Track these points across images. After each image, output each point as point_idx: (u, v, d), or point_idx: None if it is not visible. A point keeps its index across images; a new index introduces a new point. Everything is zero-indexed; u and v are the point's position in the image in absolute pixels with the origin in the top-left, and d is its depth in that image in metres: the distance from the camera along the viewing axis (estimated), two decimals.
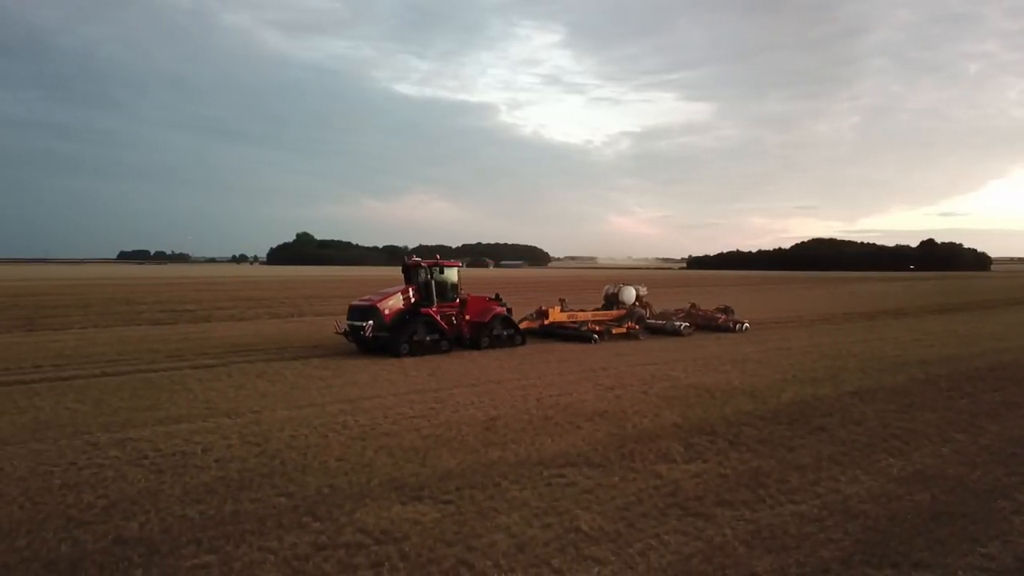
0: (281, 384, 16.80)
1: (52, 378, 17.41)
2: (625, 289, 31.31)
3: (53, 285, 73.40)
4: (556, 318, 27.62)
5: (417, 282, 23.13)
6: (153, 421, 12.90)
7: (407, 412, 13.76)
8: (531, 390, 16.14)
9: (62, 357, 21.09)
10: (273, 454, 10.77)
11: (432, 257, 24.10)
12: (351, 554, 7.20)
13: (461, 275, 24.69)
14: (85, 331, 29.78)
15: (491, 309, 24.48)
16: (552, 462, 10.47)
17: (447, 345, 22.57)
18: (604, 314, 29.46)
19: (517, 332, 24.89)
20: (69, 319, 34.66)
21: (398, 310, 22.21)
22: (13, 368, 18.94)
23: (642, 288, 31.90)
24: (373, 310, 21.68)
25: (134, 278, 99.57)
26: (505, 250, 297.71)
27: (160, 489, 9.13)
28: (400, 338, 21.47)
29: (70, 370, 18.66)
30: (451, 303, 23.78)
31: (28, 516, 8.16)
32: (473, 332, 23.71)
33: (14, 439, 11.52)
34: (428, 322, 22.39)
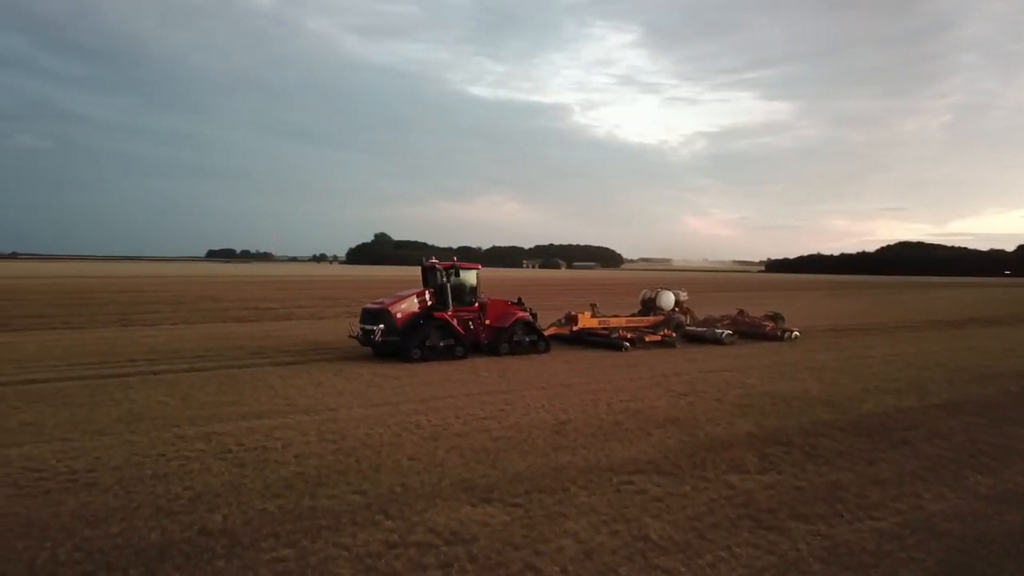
0: (357, 382, 17.25)
1: (144, 372, 18.34)
2: (663, 294, 29.94)
3: (146, 282, 77.10)
4: (586, 324, 26.44)
5: (433, 285, 22.41)
6: (237, 416, 13.46)
7: (478, 413, 13.93)
8: (601, 394, 16.09)
9: (154, 352, 22.16)
10: (348, 451, 11.09)
11: (453, 259, 23.21)
12: (421, 553, 7.36)
13: (480, 278, 23.58)
14: (175, 327, 31.19)
15: (512, 314, 23.41)
16: (621, 468, 10.43)
17: (462, 351, 21.56)
18: (640, 320, 28.30)
19: (541, 338, 23.70)
20: (160, 315, 36.36)
21: (412, 314, 21.39)
22: (110, 361, 20.03)
23: (682, 293, 30.61)
24: (384, 314, 20.91)
25: (221, 276, 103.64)
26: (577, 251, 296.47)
27: (242, 482, 9.53)
28: (411, 343, 20.68)
29: (161, 365, 19.60)
30: (469, 307, 22.85)
31: (122, 504, 8.64)
32: (493, 337, 22.77)
33: (110, 430, 12.21)
34: (442, 327, 21.44)
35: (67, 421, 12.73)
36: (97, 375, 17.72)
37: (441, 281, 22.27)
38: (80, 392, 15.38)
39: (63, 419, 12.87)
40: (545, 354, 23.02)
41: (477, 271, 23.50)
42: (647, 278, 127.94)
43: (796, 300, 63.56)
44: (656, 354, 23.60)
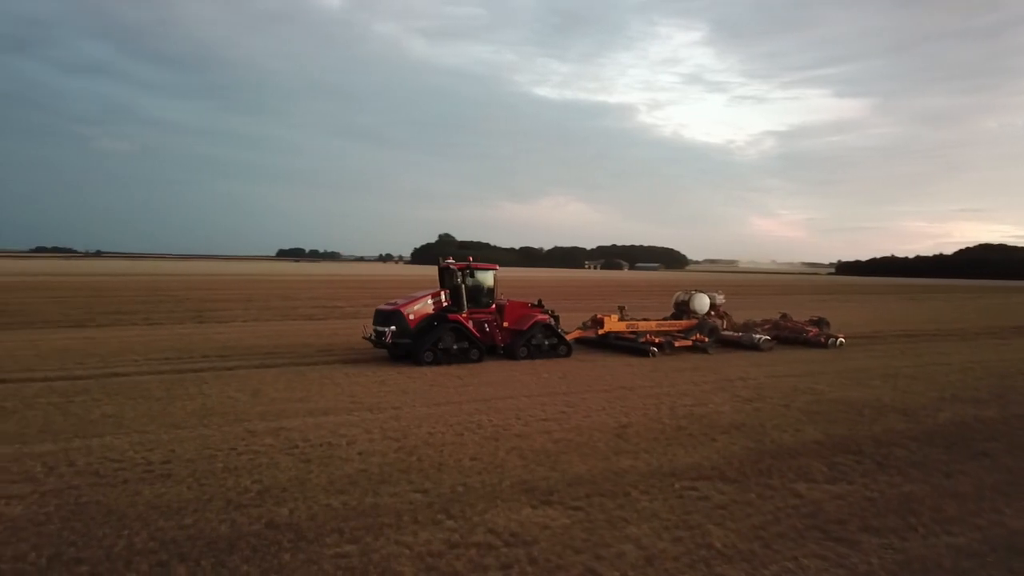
0: (420, 381, 17.45)
1: (217, 368, 18.96)
2: (697, 296, 28.69)
3: (220, 280, 79.70)
4: (613, 327, 25.35)
5: (449, 286, 21.66)
6: (304, 412, 13.78)
7: (539, 414, 13.92)
8: (664, 398, 15.87)
9: (227, 348, 22.90)
10: (411, 450, 11.23)
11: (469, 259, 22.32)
12: (481, 554, 7.39)
13: (498, 279, 22.69)
14: (247, 324, 32.16)
15: (531, 316, 22.47)
16: (684, 474, 10.27)
17: (478, 354, 20.87)
18: (672, 324, 27.02)
19: (562, 342, 22.76)
20: (233, 312, 37.55)
21: (425, 315, 20.76)
22: (185, 357, 20.78)
23: (719, 295, 29.49)
24: (397, 315, 20.30)
25: (290, 275, 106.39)
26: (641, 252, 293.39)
27: (308, 478, 9.75)
28: (423, 345, 20.07)
29: (233, 360, 20.24)
30: (486, 309, 22.06)
31: (195, 496, 8.94)
32: (511, 341, 21.99)
33: (185, 423, 12.66)
34: (456, 329, 20.71)
35: (145, 414, 13.27)
36: (173, 370, 18.42)
37: (456, 282, 21.55)
38: (157, 386, 16.02)
39: (141, 412, 13.42)
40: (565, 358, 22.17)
41: (495, 272, 22.73)
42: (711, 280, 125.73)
43: (867, 304, 61.50)
44: (722, 358, 23.14)
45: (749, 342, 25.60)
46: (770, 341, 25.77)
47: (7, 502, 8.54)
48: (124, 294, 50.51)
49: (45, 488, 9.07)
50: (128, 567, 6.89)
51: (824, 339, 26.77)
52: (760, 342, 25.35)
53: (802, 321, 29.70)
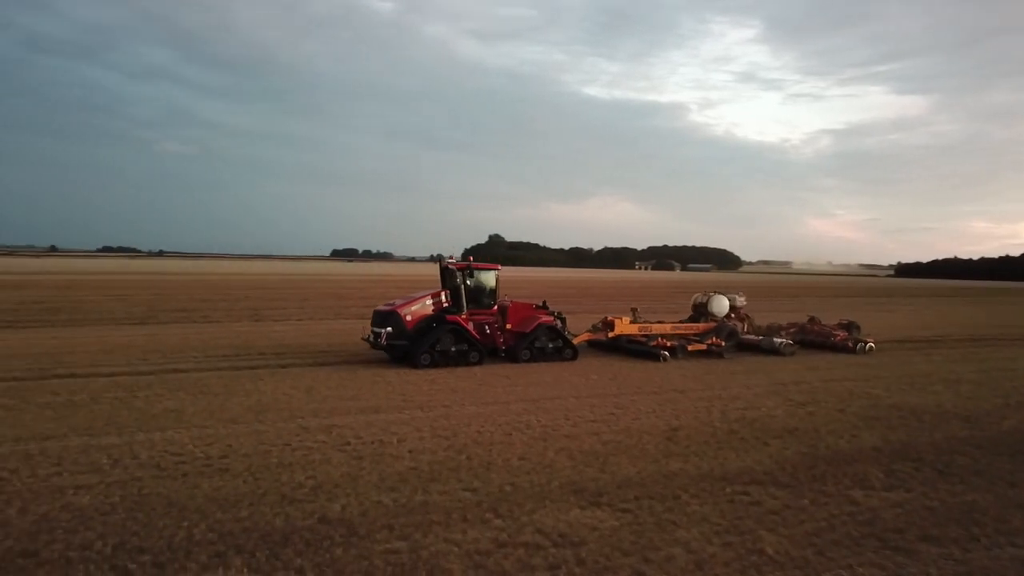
0: (470, 380, 17.58)
1: (273, 365, 19.41)
2: (716, 298, 27.56)
3: (276, 280, 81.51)
4: (624, 330, 24.34)
5: (449, 286, 21.14)
6: (355, 410, 14.02)
7: (587, 416, 13.89)
8: (715, 401, 15.68)
9: (282, 346, 23.42)
10: (460, 448, 11.33)
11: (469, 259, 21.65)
12: (529, 554, 7.42)
13: (500, 279, 22.14)
14: (301, 323, 32.84)
15: (535, 318, 21.76)
16: (736, 478, 10.13)
17: (477, 357, 20.28)
18: (688, 327, 25.94)
19: (567, 345, 21.99)
20: (288, 311, 38.37)
21: (424, 316, 20.27)
22: (242, 354, 21.33)
23: (739, 297, 28.34)
24: (393, 316, 19.82)
25: (344, 275, 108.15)
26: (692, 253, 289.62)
27: (359, 474, 9.92)
28: (420, 347, 19.51)
29: (287, 358, 20.69)
30: (487, 310, 21.47)
31: (250, 490, 9.19)
32: (514, 343, 21.36)
33: (241, 419, 13.01)
34: (455, 331, 20.14)
35: (204, 409, 13.67)
36: (231, 367, 18.93)
37: (455, 282, 20.98)
38: (216, 382, 16.48)
39: (200, 407, 13.83)
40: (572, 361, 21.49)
41: (496, 272, 22.12)
42: (763, 281, 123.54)
43: (929, 307, 59.65)
44: (776, 362, 22.71)
45: (769, 346, 24.51)
46: (792, 345, 24.50)
47: (75, 492, 8.91)
48: (185, 293, 52.03)
49: (111, 479, 9.43)
50: (188, 557, 7.13)
51: (852, 344, 25.41)
52: (781, 346, 24.17)
53: (831, 325, 28.46)
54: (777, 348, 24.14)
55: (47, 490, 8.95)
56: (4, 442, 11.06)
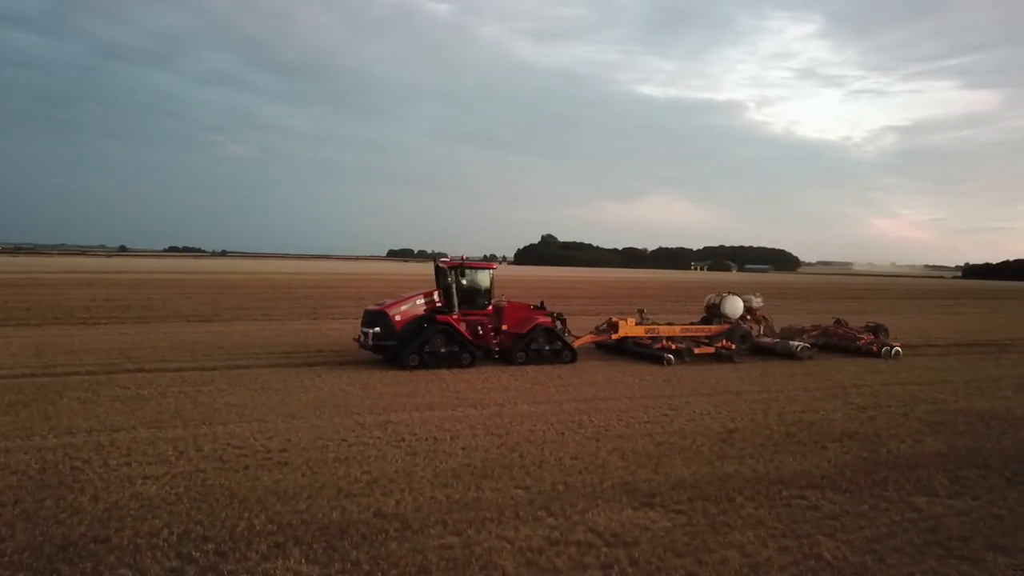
0: (523, 380, 17.64)
1: (330, 362, 19.83)
2: (730, 299, 25.92)
3: (334, 279, 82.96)
4: (629, 332, 23.31)
5: (441, 286, 20.52)
6: (410, 407, 14.23)
7: (641, 416, 13.80)
8: (772, 404, 15.39)
9: (338, 344, 23.87)
10: (513, 446, 11.39)
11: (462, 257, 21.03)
12: (582, 552, 7.43)
13: (495, 278, 21.35)
14: (358, 321, 33.31)
15: (532, 319, 20.99)
16: (793, 482, 9.95)
17: (469, 359, 19.63)
18: (700, 329, 24.70)
19: (566, 347, 21.19)
20: (345, 310, 39.02)
21: (414, 316, 19.70)
22: (301, 352, 21.85)
23: (756, 298, 26.78)
24: (382, 316, 19.26)
25: (399, 274, 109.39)
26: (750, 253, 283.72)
27: (414, 470, 10.07)
28: (408, 348, 18.95)
29: (345, 356, 21.08)
30: (481, 311, 20.70)
31: (308, 483, 9.42)
32: (510, 344, 20.59)
33: (300, 414, 13.34)
34: (445, 331, 19.53)
35: (264, 404, 14.06)
36: (290, 363, 19.41)
37: (447, 281, 20.35)
38: (275, 378, 16.92)
39: (261, 402, 14.22)
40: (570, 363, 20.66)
41: (491, 271, 21.46)
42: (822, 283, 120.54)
43: (999, 309, 57.33)
44: (835, 365, 22.15)
45: (784, 350, 23.34)
46: (809, 349, 23.32)
47: (144, 482, 9.28)
48: (246, 291, 53.44)
49: (176, 470, 9.79)
50: (249, 547, 7.35)
51: (877, 348, 24.09)
52: (798, 350, 22.94)
53: (856, 328, 26.88)
54: (793, 352, 22.97)
55: (117, 480, 9.34)
56: (78, 433, 11.59)
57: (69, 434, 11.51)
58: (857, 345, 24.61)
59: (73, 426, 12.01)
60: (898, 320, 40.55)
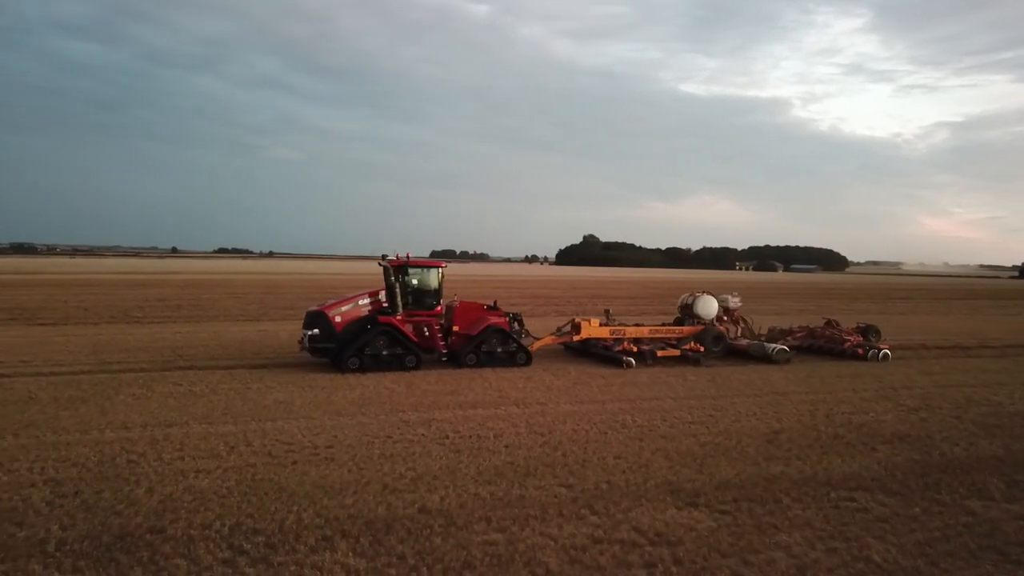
0: (565, 379, 17.64)
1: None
2: (703, 299, 24.50)
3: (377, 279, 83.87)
4: (592, 333, 22.14)
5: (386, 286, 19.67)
6: (454, 405, 14.35)
7: (685, 417, 13.70)
8: (820, 405, 15.13)
9: None
10: (556, 445, 11.41)
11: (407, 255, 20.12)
12: (625, 551, 7.43)
13: (444, 277, 20.43)
14: None
15: (484, 319, 20.19)
16: (841, 484, 9.78)
17: (414, 361, 18.74)
18: (670, 330, 23.45)
19: (521, 349, 20.23)
20: None
21: (356, 317, 18.90)
22: None
23: (733, 298, 25.49)
24: (321, 317, 18.49)
25: None
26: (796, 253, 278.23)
27: (457, 467, 10.16)
28: (348, 351, 18.21)
29: None
30: (429, 311, 19.78)
31: (354, 479, 9.58)
32: (461, 346, 19.76)
33: (346, 411, 13.55)
34: (388, 333, 18.68)
35: (311, 401, 14.32)
36: None
37: (390, 281, 19.50)
38: (322, 376, 17.21)
39: (308, 399, 14.49)
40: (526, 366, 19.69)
41: (440, 269, 20.41)
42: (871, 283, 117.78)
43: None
44: (885, 366, 21.61)
45: (759, 352, 22.20)
46: (786, 352, 22.03)
47: (196, 475, 9.54)
48: (293, 291, 54.34)
49: (227, 464, 10.04)
50: (297, 540, 7.52)
51: (864, 350, 22.84)
52: (773, 352, 21.72)
53: (845, 329, 25.45)
54: (769, 354, 21.77)
55: (171, 473, 9.63)
56: (133, 427, 11.96)
57: (125, 428, 11.90)
58: (843, 348, 23.45)
59: (129, 421, 12.41)
60: (950, 321, 39.49)
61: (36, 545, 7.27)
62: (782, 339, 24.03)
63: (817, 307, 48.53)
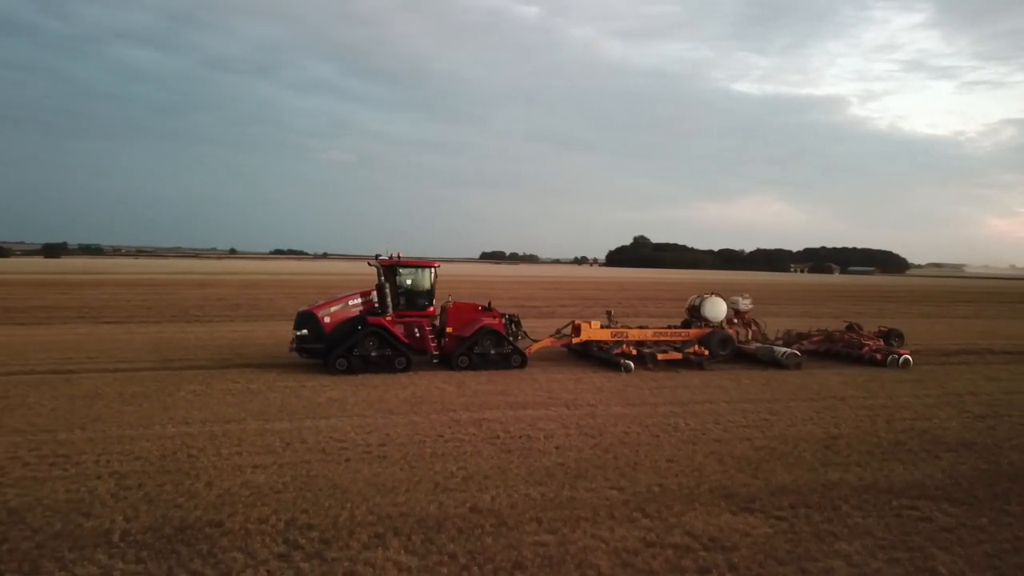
0: (615, 381, 17.51)
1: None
2: (711, 301, 23.48)
3: None
4: (592, 336, 21.47)
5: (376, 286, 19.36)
6: (504, 405, 14.38)
7: (739, 421, 13.46)
8: (880, 410, 14.69)
9: None
10: (607, 447, 11.33)
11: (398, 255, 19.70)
12: (679, 555, 7.32)
13: (437, 277, 20.05)
14: None
15: (477, 321, 19.77)
16: (903, 492, 9.48)
17: (404, 363, 18.41)
18: (676, 333, 22.49)
19: (516, 351, 19.68)
20: None
21: (346, 318, 18.72)
22: None
23: (744, 300, 24.52)
24: (310, 317, 18.40)
25: (491, 276, 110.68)
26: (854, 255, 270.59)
27: (508, 467, 10.17)
28: (336, 352, 18.01)
29: None
30: (421, 312, 19.44)
31: (406, 477, 9.67)
32: (455, 348, 19.33)
33: (398, 410, 13.70)
34: (377, 334, 18.41)
35: (364, 400, 14.51)
36: None
37: (380, 281, 19.15)
38: (374, 376, 17.45)
39: (361, 398, 14.69)
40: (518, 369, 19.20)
41: (433, 270, 20.00)
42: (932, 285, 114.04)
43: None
44: (948, 371, 20.87)
45: (767, 356, 21.31)
46: (797, 356, 20.97)
47: (253, 470, 9.75)
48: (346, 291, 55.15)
49: (283, 461, 10.24)
50: (351, 536, 7.62)
51: (882, 356, 21.58)
52: (783, 357, 20.77)
53: (865, 333, 24.29)
54: (778, 359, 20.86)
55: (229, 468, 9.86)
56: (193, 423, 12.29)
57: (185, 424, 12.23)
58: (859, 353, 22.29)
59: (189, 417, 12.76)
60: (1018, 325, 37.94)
61: (102, 535, 7.52)
62: (797, 343, 23.26)
63: (876, 310, 47.24)
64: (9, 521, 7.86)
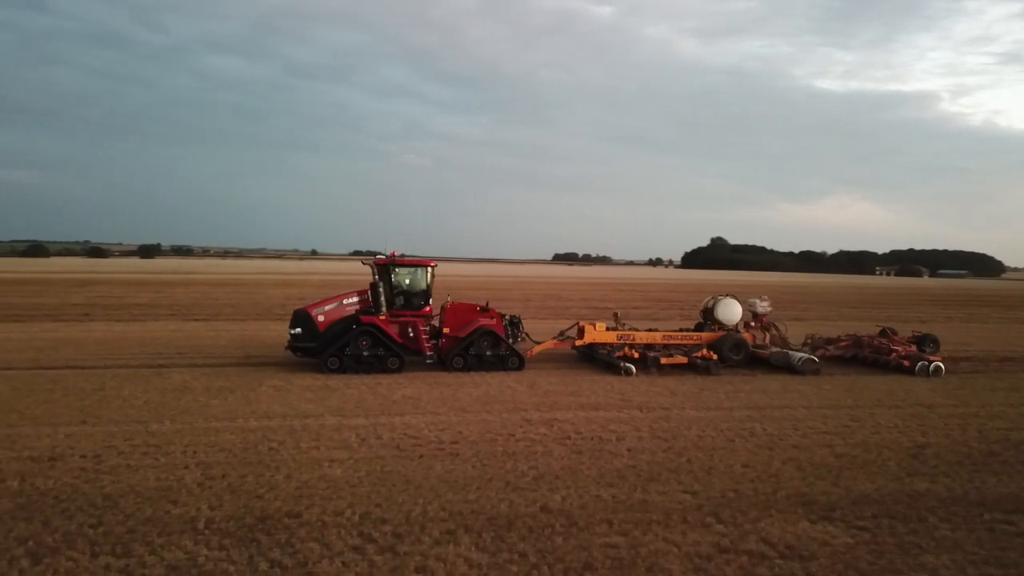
0: (690, 385, 17.23)
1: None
2: (724, 303, 22.46)
3: (501, 281, 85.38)
4: (596, 338, 20.84)
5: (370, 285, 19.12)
6: (575, 406, 14.35)
7: (819, 427, 13.04)
8: (971, 419, 13.99)
9: None
10: (680, 451, 11.16)
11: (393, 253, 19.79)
12: (753, 563, 7.15)
13: (434, 276, 19.99)
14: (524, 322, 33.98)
15: (473, 321, 19.43)
16: (996, 505, 9.00)
17: (397, 363, 18.22)
18: (686, 336, 21.70)
19: (513, 353, 19.32)
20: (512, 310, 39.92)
21: (340, 317, 18.60)
22: None
23: (762, 303, 23.29)
24: (305, 316, 18.43)
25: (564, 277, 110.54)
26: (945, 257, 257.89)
27: (579, 468, 10.14)
28: (328, 351, 17.95)
29: None
30: (417, 311, 19.20)
31: (477, 475, 9.76)
32: (451, 348, 19.02)
33: (470, 408, 13.85)
34: (370, 333, 18.22)
35: (438, 398, 14.73)
36: None
37: (375, 281, 18.93)
38: (448, 374, 17.69)
39: (435, 396, 14.91)
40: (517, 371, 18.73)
41: (429, 269, 19.83)
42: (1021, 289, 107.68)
43: None
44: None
45: (782, 361, 20.22)
46: (814, 362, 19.89)
47: (330, 464, 10.03)
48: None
49: (358, 456, 10.49)
50: (423, 531, 7.74)
51: (910, 363, 20.18)
52: (799, 363, 19.69)
53: (898, 339, 22.88)
54: (794, 365, 19.78)
55: (307, 461, 10.17)
56: (274, 417, 12.73)
57: (267, 418, 12.69)
58: (887, 359, 21.01)
59: (270, 411, 13.22)
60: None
61: (188, 522, 7.87)
62: (823, 348, 22.13)
63: (968, 315, 45.00)
64: (104, 506, 8.32)
